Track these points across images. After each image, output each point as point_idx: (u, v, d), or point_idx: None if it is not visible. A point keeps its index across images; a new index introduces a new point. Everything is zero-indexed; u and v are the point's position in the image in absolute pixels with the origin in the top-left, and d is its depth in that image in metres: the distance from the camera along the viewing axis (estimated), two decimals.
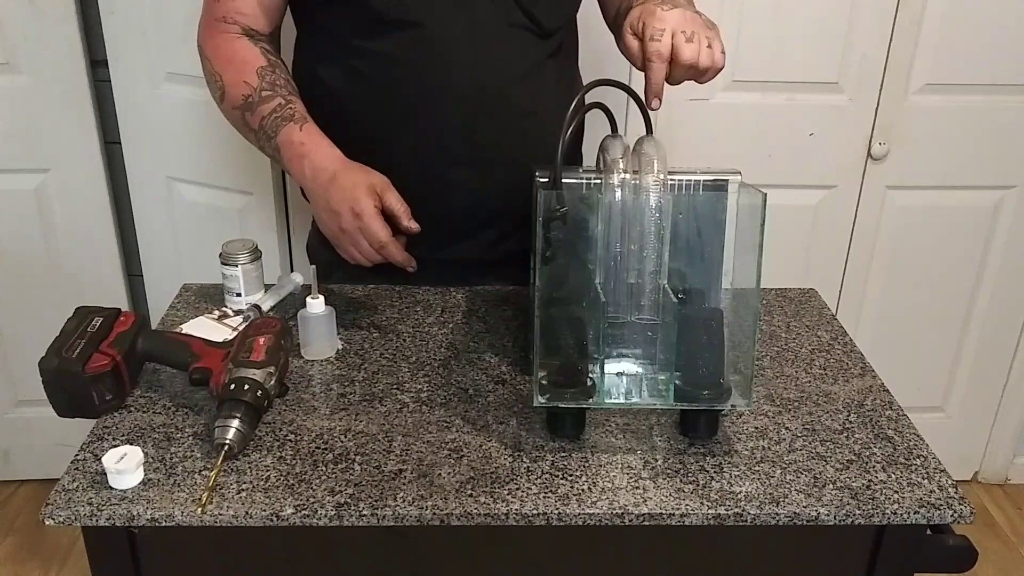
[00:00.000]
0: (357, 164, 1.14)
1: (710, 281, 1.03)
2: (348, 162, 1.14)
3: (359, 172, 1.13)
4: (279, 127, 1.15)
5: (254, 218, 1.92)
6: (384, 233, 1.10)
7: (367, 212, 1.09)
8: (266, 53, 1.20)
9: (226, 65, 1.19)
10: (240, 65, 1.18)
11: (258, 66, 1.18)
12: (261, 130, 1.17)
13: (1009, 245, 2.07)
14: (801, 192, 1.98)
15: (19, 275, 2.06)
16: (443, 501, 0.88)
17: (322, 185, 1.13)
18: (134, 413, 1.02)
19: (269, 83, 1.17)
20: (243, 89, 1.17)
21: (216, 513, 0.87)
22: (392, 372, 1.12)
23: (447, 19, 1.17)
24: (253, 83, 1.17)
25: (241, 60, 1.19)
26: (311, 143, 1.14)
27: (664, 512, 0.88)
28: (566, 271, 0.99)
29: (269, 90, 1.17)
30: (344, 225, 1.10)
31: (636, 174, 0.99)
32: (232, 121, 1.22)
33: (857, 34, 1.84)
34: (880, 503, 0.90)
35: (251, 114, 1.17)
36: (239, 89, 1.17)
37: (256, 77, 1.17)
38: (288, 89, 1.18)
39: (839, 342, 1.22)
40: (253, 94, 1.17)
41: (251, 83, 1.17)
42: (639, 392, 1.02)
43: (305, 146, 1.14)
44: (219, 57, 1.20)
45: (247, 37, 1.21)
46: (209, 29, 1.22)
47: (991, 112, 1.93)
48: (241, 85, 1.17)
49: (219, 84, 1.20)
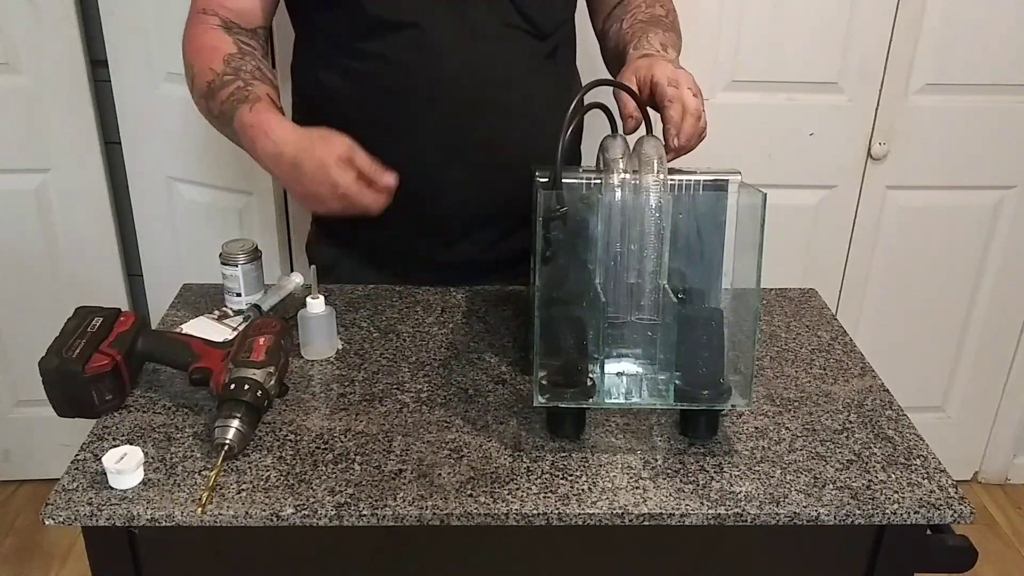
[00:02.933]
0: (310, 136, 1.05)
1: (710, 281, 1.03)
2: (301, 137, 1.05)
3: (317, 147, 1.03)
4: (234, 111, 1.09)
5: (254, 218, 1.92)
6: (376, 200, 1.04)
7: (351, 189, 1.02)
8: (239, 43, 1.17)
9: (196, 54, 1.16)
10: (209, 53, 1.15)
11: (226, 53, 1.14)
12: (222, 115, 1.12)
13: (1009, 245, 2.07)
14: (801, 192, 1.98)
15: (19, 275, 2.06)
16: (443, 501, 0.88)
17: (286, 172, 1.06)
18: (134, 413, 1.02)
19: (233, 68, 1.13)
20: (207, 75, 1.13)
21: (216, 513, 0.87)
22: (392, 372, 1.12)
23: (443, 20, 1.17)
24: (217, 69, 1.13)
25: (211, 48, 1.15)
26: (259, 124, 1.06)
27: (664, 512, 0.88)
28: (566, 271, 0.99)
29: (232, 75, 1.12)
30: (332, 205, 1.05)
31: (636, 174, 0.99)
32: (201, 111, 1.17)
33: (857, 34, 1.84)
34: (880, 503, 0.90)
35: (213, 101, 1.13)
36: (204, 76, 1.14)
37: (221, 63, 1.13)
38: (254, 75, 1.13)
39: (839, 342, 1.22)
40: (215, 79, 1.12)
41: (215, 69, 1.13)
42: (639, 392, 1.02)
43: (254, 128, 1.06)
44: (191, 47, 1.18)
45: (224, 29, 1.18)
46: (190, 20, 1.20)
47: (991, 112, 1.93)
48: (206, 72, 1.13)
49: (191, 75, 1.17)
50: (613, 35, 1.29)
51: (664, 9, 1.29)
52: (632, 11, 1.28)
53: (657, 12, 1.27)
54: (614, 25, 1.30)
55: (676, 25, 1.29)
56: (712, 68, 1.86)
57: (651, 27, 1.22)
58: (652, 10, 1.27)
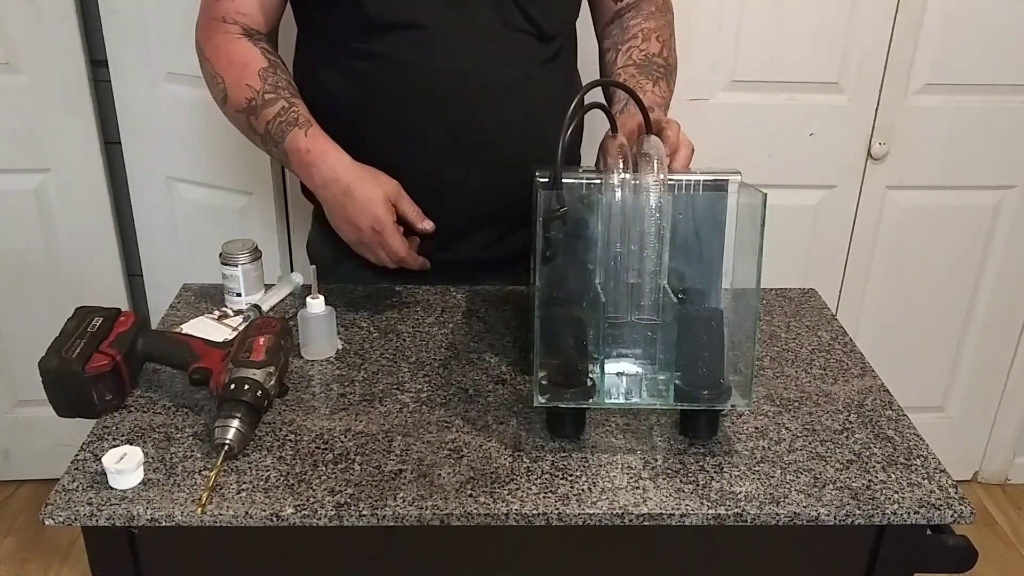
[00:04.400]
0: (366, 171, 1.15)
1: (710, 281, 1.03)
2: (358, 170, 1.15)
3: (372, 184, 1.14)
4: (285, 132, 1.15)
5: (254, 218, 1.92)
6: (404, 248, 1.15)
7: (388, 229, 1.13)
8: (266, 53, 1.20)
9: (227, 67, 1.19)
10: (241, 67, 1.18)
11: (259, 68, 1.18)
12: (267, 135, 1.17)
13: (1009, 245, 2.07)
14: (801, 192, 1.98)
15: (19, 275, 2.06)
16: (443, 501, 0.88)
17: (336, 197, 1.15)
18: (134, 413, 1.02)
19: (272, 85, 1.17)
20: (246, 92, 1.17)
21: (216, 513, 0.87)
22: (392, 372, 1.12)
23: (446, 21, 1.17)
24: (256, 86, 1.17)
25: (241, 62, 1.18)
26: (317, 150, 1.15)
27: (664, 512, 0.88)
28: (566, 271, 0.99)
29: (272, 92, 1.17)
30: (365, 239, 1.15)
31: (636, 174, 0.99)
32: (236, 124, 1.22)
33: (857, 34, 1.84)
34: (880, 503, 0.90)
35: (255, 118, 1.17)
36: (242, 92, 1.17)
37: (259, 79, 1.17)
38: (290, 91, 1.18)
39: (839, 342, 1.22)
40: (256, 97, 1.16)
41: (254, 86, 1.17)
42: (639, 392, 1.02)
43: (312, 154, 1.15)
44: (220, 59, 1.20)
45: (247, 37, 1.20)
46: (208, 29, 1.21)
47: (991, 112, 1.93)
48: (244, 88, 1.17)
49: (221, 87, 1.19)
50: (607, 63, 1.30)
51: (659, 42, 1.27)
52: (628, 43, 1.26)
53: (652, 50, 1.25)
54: (609, 52, 1.30)
55: (670, 63, 1.27)
56: (712, 68, 1.86)
57: (642, 77, 1.22)
58: (648, 47, 1.25)
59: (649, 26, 1.28)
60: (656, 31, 1.28)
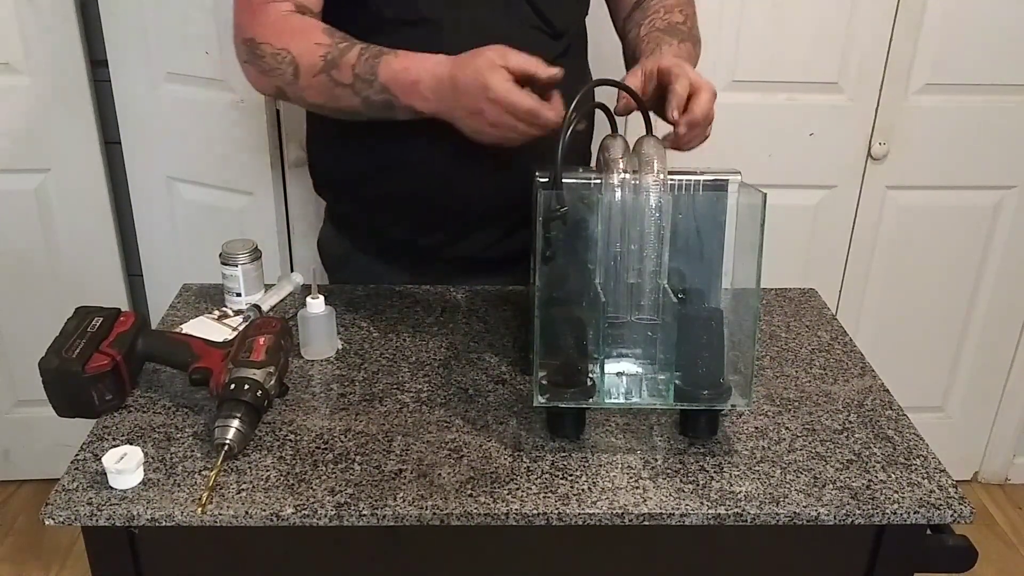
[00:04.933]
0: (463, 55, 1.05)
1: (710, 281, 1.03)
2: (455, 58, 1.05)
3: (471, 60, 1.03)
4: (375, 66, 1.08)
5: (254, 218, 1.92)
6: (529, 100, 1.02)
7: (502, 93, 1.01)
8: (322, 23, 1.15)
9: (290, 38, 1.13)
10: (303, 33, 1.13)
11: (322, 28, 1.13)
12: (357, 79, 1.10)
13: (1009, 245, 2.07)
14: (801, 192, 1.98)
15: (19, 275, 2.06)
16: (443, 501, 0.88)
17: (447, 96, 1.05)
18: (134, 413, 1.02)
19: (341, 37, 1.12)
20: (318, 51, 1.11)
21: (216, 513, 0.87)
22: (392, 372, 1.12)
23: (456, 17, 1.17)
24: (325, 42, 1.11)
25: (301, 29, 1.14)
26: (413, 64, 1.07)
27: (664, 512, 0.88)
28: (566, 271, 0.99)
29: (344, 41, 1.11)
30: (492, 118, 1.04)
31: (636, 174, 0.99)
32: (317, 94, 1.14)
33: (857, 34, 1.84)
34: (880, 503, 0.90)
35: (337, 70, 1.11)
36: (314, 52, 1.11)
37: (326, 36, 1.12)
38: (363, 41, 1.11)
39: (839, 342, 1.22)
40: (331, 49, 1.11)
41: (323, 43, 1.11)
42: (639, 392, 1.02)
43: (408, 70, 1.07)
44: (279, 34, 1.14)
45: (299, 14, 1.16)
46: (257, 15, 1.16)
47: (991, 112, 1.93)
48: (314, 48, 1.11)
49: (288, 59, 1.13)
50: (631, 40, 1.28)
51: (683, 15, 1.27)
52: (651, 17, 1.26)
53: (675, 19, 1.25)
54: (632, 31, 1.29)
55: (694, 33, 1.27)
56: (712, 68, 1.86)
57: (667, 36, 1.21)
58: (671, 16, 1.25)
59: (671, 2, 1.28)
60: (678, 6, 1.28)
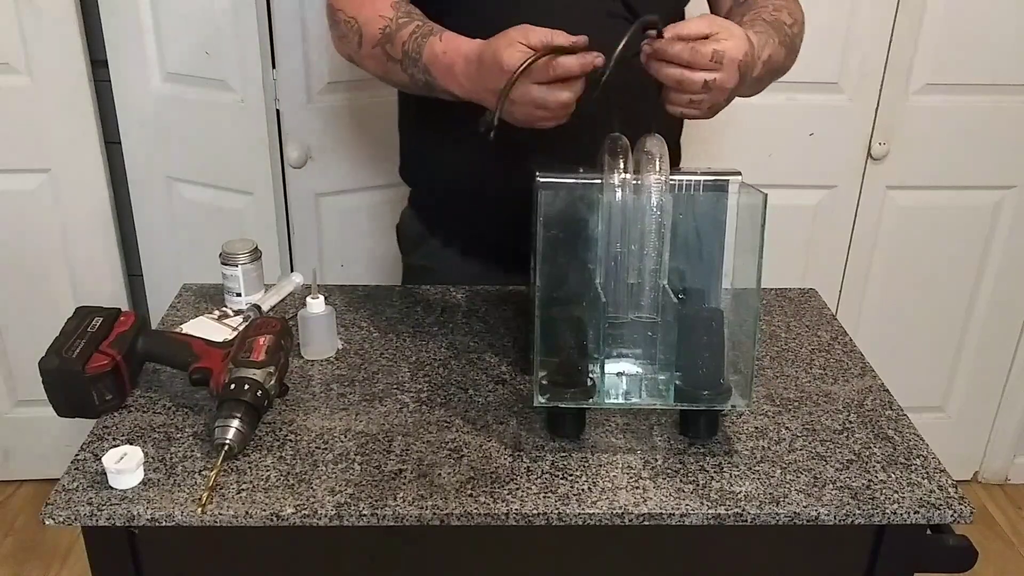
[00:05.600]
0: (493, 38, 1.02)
1: (710, 281, 1.03)
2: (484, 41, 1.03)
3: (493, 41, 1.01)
4: (421, 45, 1.09)
5: (254, 218, 1.92)
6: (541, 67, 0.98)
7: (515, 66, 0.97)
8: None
9: (359, 8, 1.16)
10: (372, 5, 1.15)
11: (391, 1, 1.14)
12: (406, 56, 1.10)
13: (1009, 245, 2.07)
14: (801, 192, 1.98)
15: (19, 275, 2.06)
16: (443, 501, 0.88)
17: (475, 78, 1.04)
18: (134, 413, 1.02)
19: (405, 12, 1.13)
20: (379, 23, 1.13)
21: (216, 513, 0.87)
22: (392, 372, 1.12)
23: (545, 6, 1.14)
24: (388, 15, 1.13)
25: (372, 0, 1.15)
26: (451, 48, 1.07)
27: (664, 512, 0.88)
28: (566, 271, 0.99)
29: (405, 17, 1.12)
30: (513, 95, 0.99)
31: (636, 174, 0.99)
32: (374, 64, 1.16)
33: (857, 34, 1.84)
34: (880, 503, 0.90)
35: (391, 45, 1.12)
36: (376, 24, 1.13)
37: (391, 9, 1.13)
38: (424, 18, 1.12)
39: (839, 342, 1.22)
40: (390, 24, 1.12)
41: (386, 15, 1.13)
42: (639, 392, 1.02)
43: (448, 54, 1.07)
44: (353, 2, 1.17)
45: None
46: None
47: (991, 112, 1.93)
48: (377, 20, 1.13)
49: (356, 28, 1.16)
50: None
51: (791, 18, 1.22)
52: (756, 10, 1.23)
53: (783, 18, 1.21)
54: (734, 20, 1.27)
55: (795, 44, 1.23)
56: None
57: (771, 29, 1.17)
58: (779, 15, 1.21)
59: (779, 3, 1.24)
60: (787, 7, 1.24)
